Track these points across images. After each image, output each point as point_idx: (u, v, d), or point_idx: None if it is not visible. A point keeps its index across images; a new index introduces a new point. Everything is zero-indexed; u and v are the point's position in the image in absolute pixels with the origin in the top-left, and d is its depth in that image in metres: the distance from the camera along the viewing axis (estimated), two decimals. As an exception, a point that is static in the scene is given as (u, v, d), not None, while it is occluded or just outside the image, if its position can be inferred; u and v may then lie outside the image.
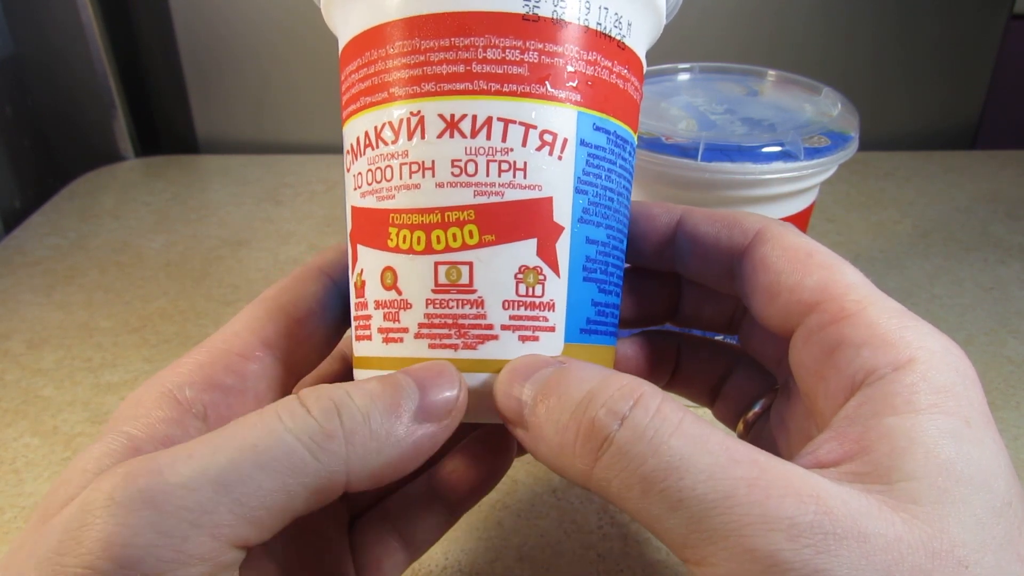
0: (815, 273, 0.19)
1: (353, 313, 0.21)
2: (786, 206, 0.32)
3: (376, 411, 0.17)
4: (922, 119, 0.71)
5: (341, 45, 0.21)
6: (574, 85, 0.19)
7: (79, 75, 0.66)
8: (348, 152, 0.21)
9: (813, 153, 0.30)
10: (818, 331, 0.18)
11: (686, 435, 0.16)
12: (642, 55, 0.22)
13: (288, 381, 0.22)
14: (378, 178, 0.19)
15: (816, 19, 0.66)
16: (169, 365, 0.20)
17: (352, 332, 0.21)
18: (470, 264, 0.19)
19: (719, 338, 0.29)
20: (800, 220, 0.33)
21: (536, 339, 0.19)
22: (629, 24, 0.20)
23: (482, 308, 0.19)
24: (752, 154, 0.29)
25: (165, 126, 0.73)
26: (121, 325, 0.45)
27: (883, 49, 0.68)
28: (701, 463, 0.15)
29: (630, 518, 0.31)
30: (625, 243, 0.22)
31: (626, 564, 0.29)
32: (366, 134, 0.20)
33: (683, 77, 0.38)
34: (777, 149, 0.30)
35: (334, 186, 0.63)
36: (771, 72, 0.38)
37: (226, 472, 0.15)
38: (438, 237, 0.19)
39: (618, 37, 0.20)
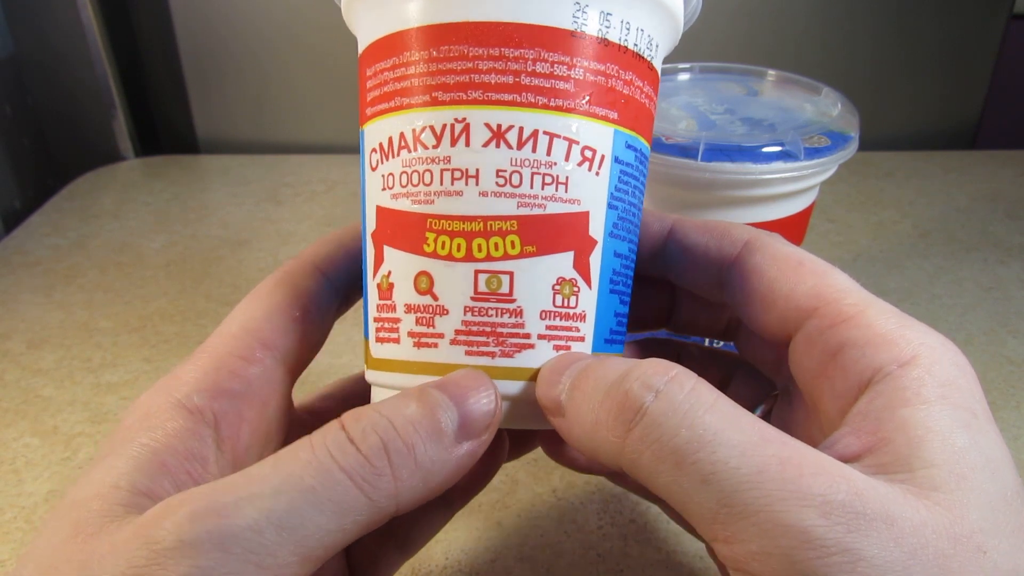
0: (808, 280, 0.20)
1: (373, 314, 0.21)
2: (786, 206, 0.32)
3: (419, 441, 0.17)
4: (922, 119, 0.71)
5: (370, 39, 0.20)
6: (612, 103, 0.19)
7: (79, 75, 0.66)
8: (375, 151, 0.20)
9: (813, 153, 0.30)
10: (819, 335, 0.19)
11: (720, 412, 0.16)
12: (660, 73, 0.22)
13: (287, 381, 0.22)
14: (415, 181, 0.19)
15: (816, 19, 0.66)
16: (172, 371, 0.20)
17: (370, 333, 0.21)
18: (511, 274, 0.19)
19: (717, 345, 0.29)
20: (800, 220, 0.33)
21: (568, 348, 0.20)
22: (657, 46, 0.21)
23: (520, 317, 0.19)
24: (752, 154, 0.29)
25: (165, 126, 0.73)
26: (121, 325, 0.45)
27: (883, 49, 0.68)
28: (734, 439, 0.15)
29: (630, 518, 0.31)
30: (636, 255, 0.22)
31: (626, 564, 0.29)
32: (401, 135, 0.19)
33: (683, 77, 0.38)
34: (777, 149, 0.30)
35: (334, 186, 0.63)
36: (771, 72, 0.38)
37: (289, 516, 0.16)
38: (479, 245, 0.19)
39: (648, 58, 0.20)
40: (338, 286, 0.23)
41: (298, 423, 0.24)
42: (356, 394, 0.26)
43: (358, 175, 0.65)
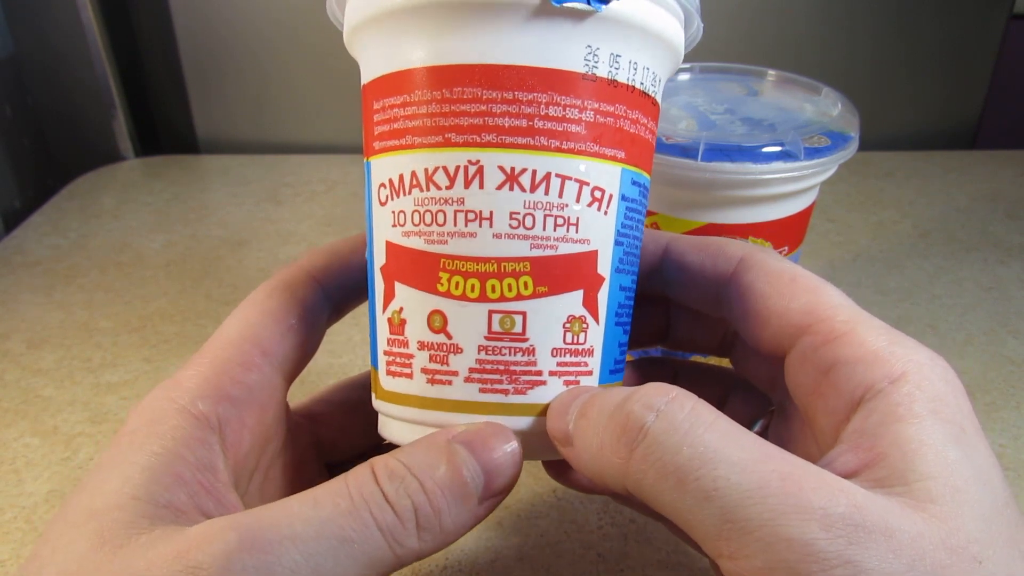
0: (801, 297, 0.20)
1: (383, 347, 0.21)
2: (786, 206, 0.32)
3: (446, 506, 0.18)
4: (922, 119, 0.71)
5: (378, 72, 0.20)
6: (620, 143, 0.20)
7: (79, 75, 0.66)
8: (384, 186, 0.20)
9: (813, 153, 0.30)
10: (812, 353, 0.19)
11: (720, 431, 0.16)
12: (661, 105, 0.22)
13: (284, 387, 0.22)
14: (428, 221, 0.19)
15: (816, 19, 0.66)
16: (173, 376, 0.20)
17: (380, 364, 0.21)
18: (524, 314, 0.19)
19: (712, 361, 0.29)
20: (800, 220, 0.33)
21: (577, 383, 0.20)
22: (660, 81, 0.21)
23: (533, 356, 0.19)
24: (752, 154, 0.29)
25: (165, 126, 0.73)
26: (121, 325, 0.45)
27: (883, 49, 0.68)
28: (734, 456, 0.16)
29: (630, 518, 0.31)
30: (636, 283, 0.23)
31: (626, 564, 0.29)
32: (413, 174, 0.19)
33: (683, 77, 0.38)
34: (777, 149, 0.30)
35: (334, 186, 0.63)
36: (771, 72, 0.38)
37: (324, 561, 0.16)
38: (493, 286, 0.19)
39: (653, 94, 0.21)
40: (332, 296, 0.24)
41: (293, 427, 0.24)
42: (352, 400, 0.26)
43: (358, 175, 0.65)
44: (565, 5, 0.18)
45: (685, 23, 0.21)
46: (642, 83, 0.20)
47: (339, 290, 0.24)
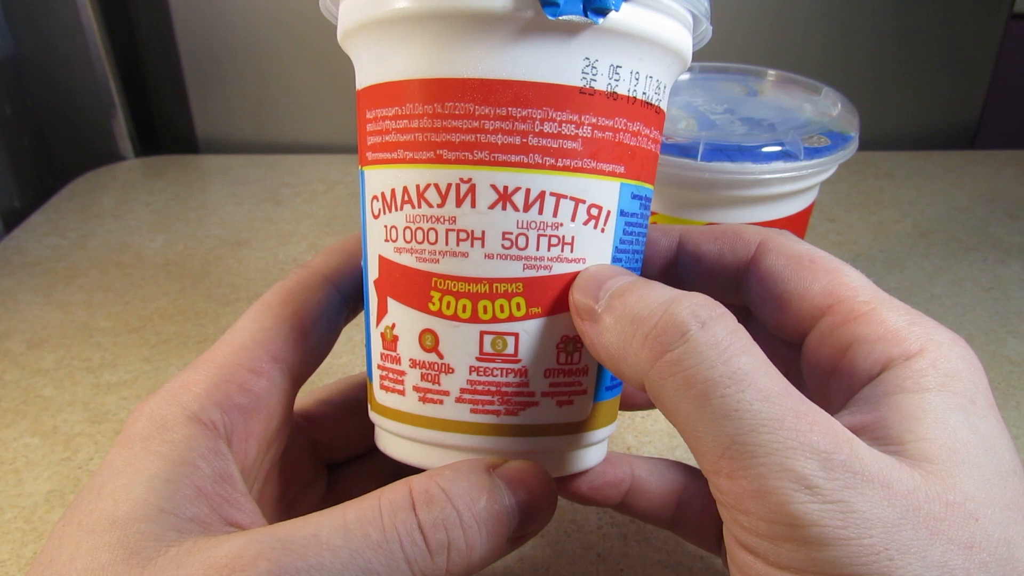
0: (821, 278, 0.20)
1: (376, 360, 0.21)
2: (786, 206, 0.32)
3: (479, 543, 0.18)
4: (922, 119, 0.71)
5: (371, 80, 0.20)
6: (619, 157, 0.19)
7: (79, 75, 0.66)
8: (376, 199, 0.20)
9: (813, 153, 0.30)
10: (831, 332, 0.19)
11: (755, 357, 0.16)
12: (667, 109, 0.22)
13: (292, 392, 0.22)
14: (419, 239, 0.19)
15: (816, 19, 0.66)
16: (179, 378, 0.20)
17: (374, 378, 0.21)
18: (516, 335, 0.19)
19: None
20: (800, 220, 0.33)
21: (571, 403, 0.20)
22: (665, 87, 0.20)
23: (525, 376, 0.19)
24: (752, 154, 0.29)
25: (165, 126, 0.73)
26: (121, 325, 0.45)
27: (883, 49, 0.68)
28: (762, 383, 0.16)
29: (630, 518, 0.31)
30: None
31: (626, 564, 0.29)
32: (405, 189, 0.19)
33: (683, 77, 0.38)
34: (777, 149, 0.30)
35: (334, 186, 0.63)
36: (771, 72, 0.38)
37: None
38: (485, 307, 0.19)
39: (656, 103, 0.20)
40: (347, 296, 0.23)
41: (295, 429, 0.24)
42: (352, 401, 0.26)
43: (358, 175, 0.65)
44: (561, 18, 0.17)
45: (693, 25, 0.21)
46: (644, 93, 0.19)
47: (354, 288, 0.24)
